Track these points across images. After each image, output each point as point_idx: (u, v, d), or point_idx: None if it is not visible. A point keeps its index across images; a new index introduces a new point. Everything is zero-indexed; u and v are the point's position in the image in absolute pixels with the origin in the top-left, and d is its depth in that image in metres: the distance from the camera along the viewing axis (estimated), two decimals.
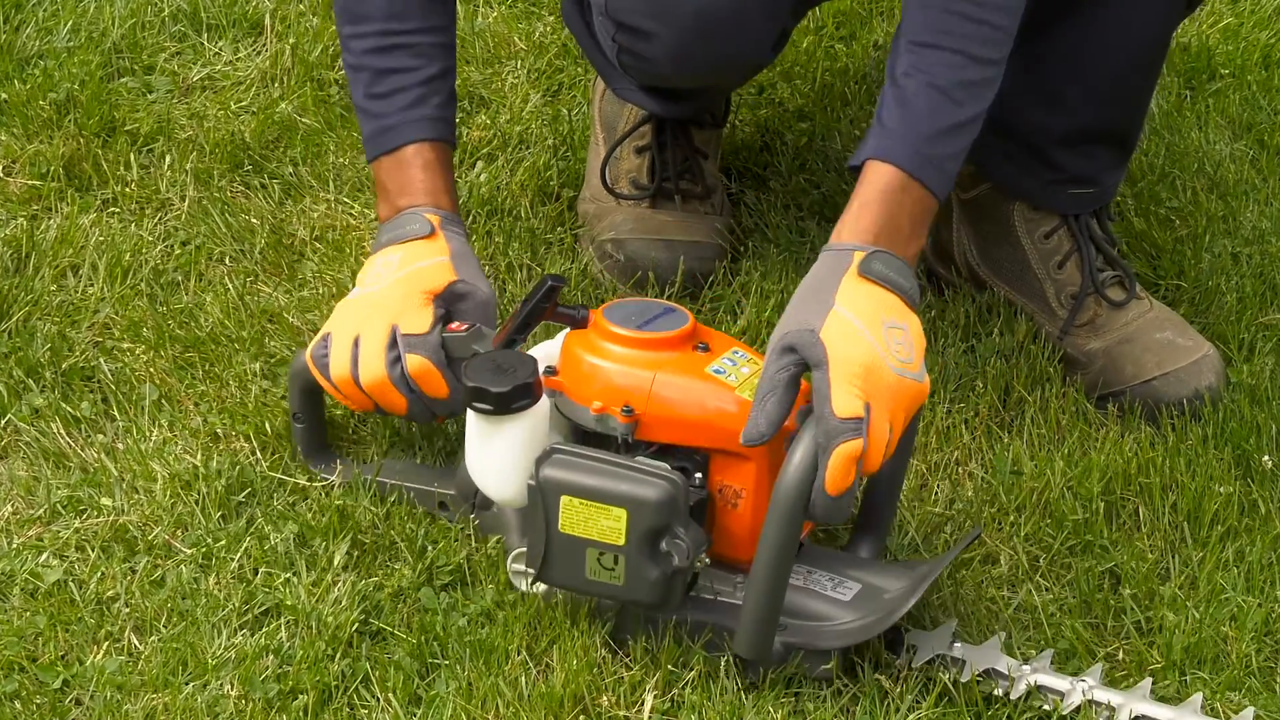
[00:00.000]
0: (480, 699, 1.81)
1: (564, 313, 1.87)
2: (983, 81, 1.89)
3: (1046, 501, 2.07)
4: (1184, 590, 1.97)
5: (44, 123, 2.59)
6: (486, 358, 1.86)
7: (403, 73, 2.05)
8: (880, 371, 1.76)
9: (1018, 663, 1.83)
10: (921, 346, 1.82)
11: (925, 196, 1.87)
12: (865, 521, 1.95)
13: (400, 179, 2.05)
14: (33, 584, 1.94)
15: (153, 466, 2.07)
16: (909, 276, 1.84)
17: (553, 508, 1.79)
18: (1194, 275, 2.41)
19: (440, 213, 2.04)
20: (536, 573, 1.83)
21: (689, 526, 1.78)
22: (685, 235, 2.38)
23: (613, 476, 1.78)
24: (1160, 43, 2.19)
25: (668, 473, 1.78)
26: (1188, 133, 2.67)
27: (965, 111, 1.88)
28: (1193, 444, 2.14)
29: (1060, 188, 2.25)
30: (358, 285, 2.01)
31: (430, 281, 1.97)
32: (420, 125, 2.05)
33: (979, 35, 1.88)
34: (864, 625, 1.80)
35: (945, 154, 1.87)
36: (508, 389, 1.82)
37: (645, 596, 1.80)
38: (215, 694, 1.81)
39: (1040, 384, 2.22)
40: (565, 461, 1.80)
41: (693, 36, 2.05)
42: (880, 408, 1.75)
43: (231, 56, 2.77)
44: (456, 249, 2.01)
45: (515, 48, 2.81)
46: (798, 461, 1.73)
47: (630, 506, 1.76)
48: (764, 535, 1.75)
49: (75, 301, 2.32)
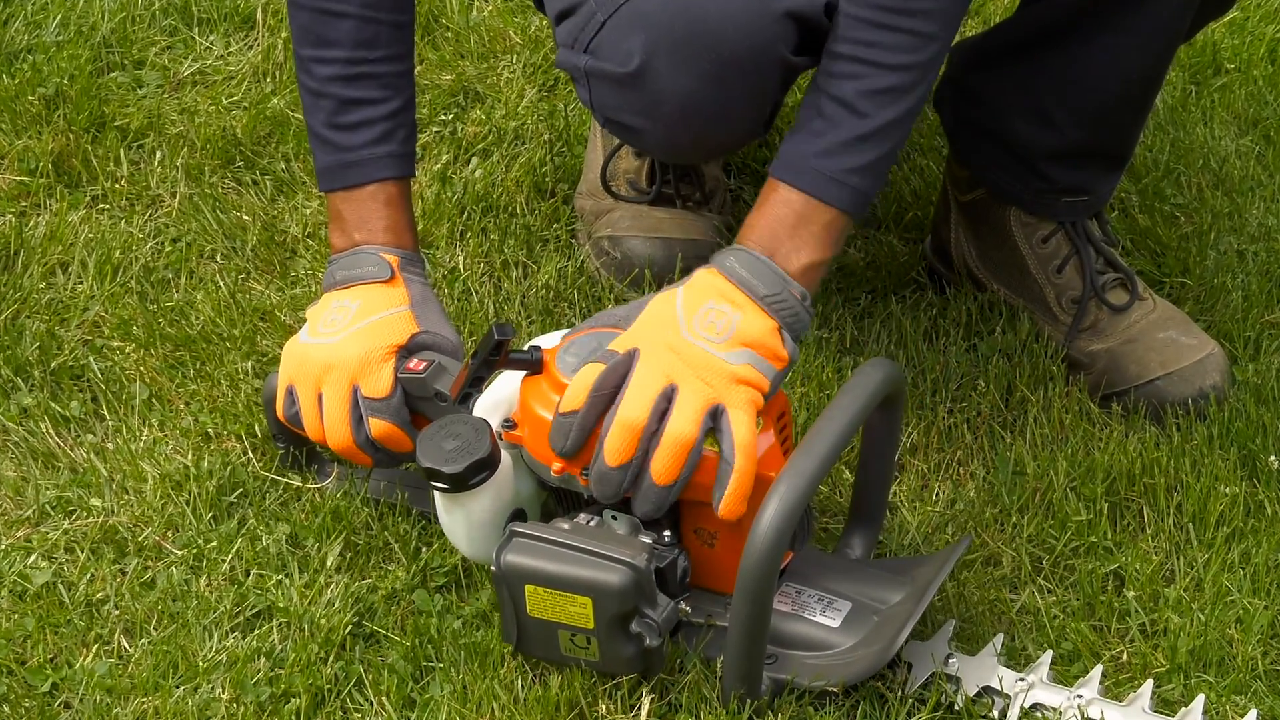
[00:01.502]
0: (475, 703, 1.80)
1: (517, 359, 1.84)
2: (896, 89, 1.85)
3: (1049, 502, 2.06)
4: (1189, 592, 1.96)
5: (33, 118, 2.59)
6: (439, 430, 1.82)
7: (369, 105, 1.99)
8: (663, 333, 1.77)
9: (1014, 675, 1.82)
10: (751, 338, 1.78)
11: (820, 208, 1.85)
12: (857, 515, 1.94)
13: (360, 213, 2.00)
14: (21, 586, 1.93)
15: (143, 467, 2.06)
16: (767, 278, 1.81)
17: (518, 594, 1.77)
18: (1199, 273, 2.40)
19: (400, 253, 1.99)
20: (513, 647, 1.82)
21: (657, 604, 1.76)
22: (682, 233, 2.36)
23: (574, 562, 1.74)
24: (1154, 73, 2.16)
25: (629, 553, 1.74)
26: (1193, 128, 2.66)
27: (873, 121, 1.85)
28: (1198, 444, 2.13)
29: (1053, 197, 2.24)
30: (310, 326, 1.96)
31: (391, 336, 1.92)
32: (386, 163, 2.00)
33: (893, 43, 1.85)
34: (854, 663, 1.78)
35: (848, 166, 1.85)
36: (462, 469, 1.79)
37: (624, 670, 1.79)
38: (206, 697, 1.81)
39: (1043, 383, 2.21)
40: (526, 547, 1.76)
41: (680, 131, 2.03)
42: (649, 359, 1.75)
43: (223, 51, 2.77)
44: (417, 295, 1.97)
45: (511, 42, 2.80)
46: (770, 513, 1.70)
47: (594, 595, 1.74)
48: (739, 587, 1.71)
49: (64, 299, 2.32)
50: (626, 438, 1.74)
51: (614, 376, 1.77)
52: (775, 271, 1.82)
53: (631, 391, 1.75)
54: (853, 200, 1.85)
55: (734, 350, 1.77)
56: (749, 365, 1.77)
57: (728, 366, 1.76)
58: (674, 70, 1.95)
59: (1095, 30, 2.10)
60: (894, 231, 2.47)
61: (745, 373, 1.77)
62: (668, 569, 1.79)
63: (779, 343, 1.80)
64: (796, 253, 1.84)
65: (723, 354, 1.77)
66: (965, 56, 2.24)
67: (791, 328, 1.81)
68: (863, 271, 2.39)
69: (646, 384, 1.75)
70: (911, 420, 2.15)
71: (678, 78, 1.96)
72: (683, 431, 1.74)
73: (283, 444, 2.05)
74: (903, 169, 2.55)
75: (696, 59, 1.95)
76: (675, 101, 1.97)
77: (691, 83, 1.96)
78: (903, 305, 2.32)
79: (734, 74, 1.96)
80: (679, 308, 1.80)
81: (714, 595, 1.84)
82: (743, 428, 1.74)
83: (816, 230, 1.84)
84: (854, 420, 1.76)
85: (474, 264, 2.37)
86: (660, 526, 1.81)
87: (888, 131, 1.85)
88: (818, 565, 1.88)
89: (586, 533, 1.77)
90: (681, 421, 1.74)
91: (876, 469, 1.91)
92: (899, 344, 2.26)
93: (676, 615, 1.79)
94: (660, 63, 1.95)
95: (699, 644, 1.82)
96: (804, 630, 1.82)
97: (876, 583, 1.85)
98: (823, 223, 1.85)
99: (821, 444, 1.72)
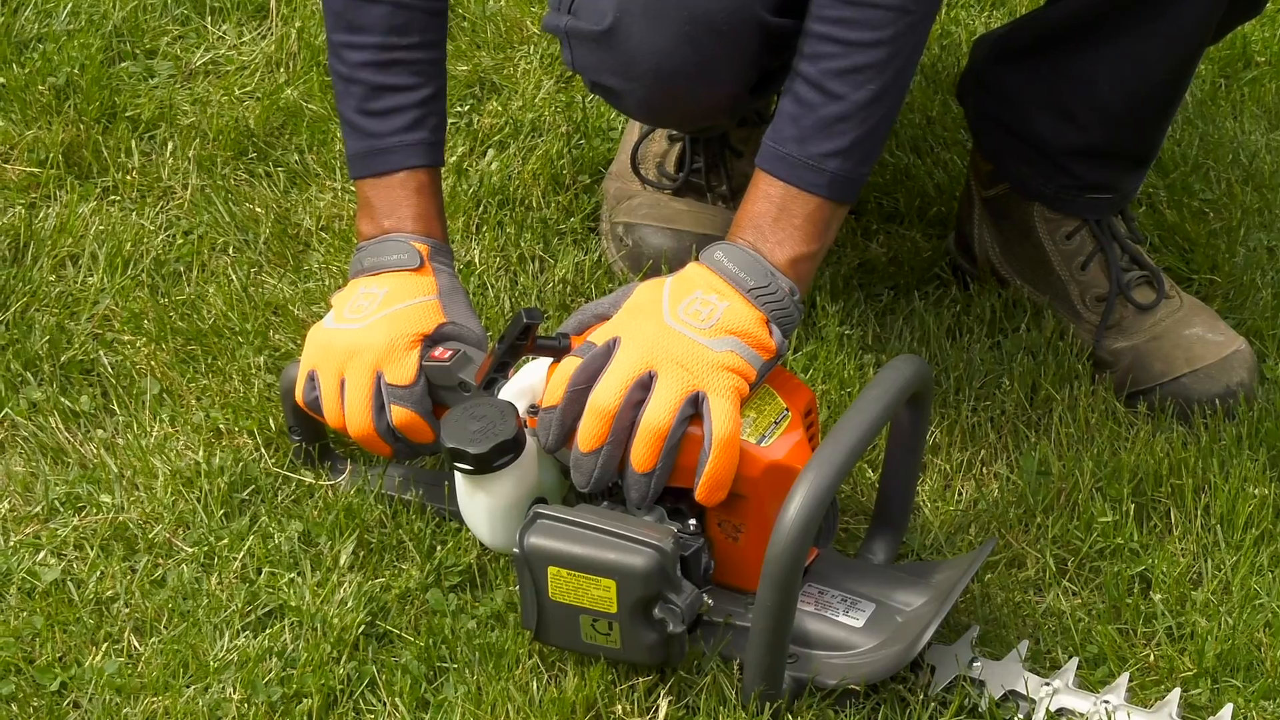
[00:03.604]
0: (490, 704, 1.79)
1: (544, 345, 1.84)
2: (868, 66, 1.83)
3: (1075, 503, 2.05)
4: (1217, 595, 1.95)
5: (43, 108, 2.59)
6: (464, 412, 1.82)
7: (401, 91, 1.99)
8: (646, 321, 1.78)
9: (1039, 680, 1.81)
10: (737, 327, 1.78)
11: (801, 197, 1.84)
12: (880, 518, 1.93)
13: (389, 201, 2.00)
14: (30, 583, 1.93)
15: (153, 463, 2.06)
16: (754, 271, 1.81)
17: (540, 576, 1.76)
18: (1228, 269, 2.39)
19: (430, 242, 1.99)
20: (533, 634, 1.81)
21: (681, 590, 1.75)
22: (696, 226, 2.36)
23: (598, 545, 1.74)
24: (1179, 75, 2.15)
25: (656, 537, 1.74)
26: (1222, 122, 2.65)
27: (846, 102, 1.83)
28: (1226, 444, 2.12)
29: (1077, 193, 2.23)
30: (336, 312, 1.95)
31: (417, 324, 1.91)
32: (416, 151, 2.00)
33: (860, 18, 1.82)
34: (877, 662, 1.78)
35: (825, 151, 1.83)
36: (487, 450, 1.79)
37: (643, 659, 1.78)
38: (217, 697, 1.80)
39: (1068, 382, 2.19)
40: (549, 529, 1.76)
41: (656, 92, 2.02)
42: (629, 346, 1.76)
43: (235, 40, 2.77)
44: (445, 285, 1.97)
45: (528, 32, 2.80)
46: (798, 502, 1.69)
47: (618, 578, 1.74)
48: (763, 580, 1.71)
49: (74, 292, 2.32)
50: (597, 424, 1.76)
51: (592, 368, 1.78)
52: (762, 264, 1.82)
53: (606, 378, 1.76)
54: (832, 186, 1.84)
55: (718, 338, 1.77)
56: (733, 353, 1.77)
57: (711, 354, 1.76)
58: (646, 29, 1.96)
59: (1120, 30, 2.09)
60: (917, 226, 2.46)
61: (729, 360, 1.77)
62: (692, 558, 1.79)
63: (766, 333, 1.79)
64: (781, 245, 1.83)
65: (706, 340, 1.77)
66: (989, 50, 2.23)
67: (780, 321, 1.81)
68: (885, 267, 2.39)
69: (622, 370, 1.76)
70: (934, 418, 2.14)
71: (650, 36, 1.96)
72: (657, 420, 1.75)
73: (298, 437, 2.04)
74: (925, 163, 2.54)
75: (668, 17, 1.95)
76: (649, 61, 1.97)
77: (664, 41, 1.96)
78: (926, 301, 2.31)
79: (707, 33, 1.95)
80: (665, 296, 1.81)
81: (734, 596, 1.83)
82: (723, 415, 1.74)
83: (799, 222, 1.84)
84: (881, 414, 1.76)
85: (490, 258, 2.37)
86: (685, 517, 1.81)
87: (864, 112, 1.83)
88: (841, 568, 1.88)
89: (612, 517, 1.77)
90: (656, 409, 1.75)
91: (901, 469, 1.90)
92: (922, 341, 2.25)
93: (700, 603, 1.78)
94: (632, 21, 1.96)
95: (718, 644, 1.82)
96: (827, 630, 1.81)
97: (900, 586, 1.84)
98: (804, 213, 1.84)
99: (848, 436, 1.72)
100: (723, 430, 1.74)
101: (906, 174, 2.52)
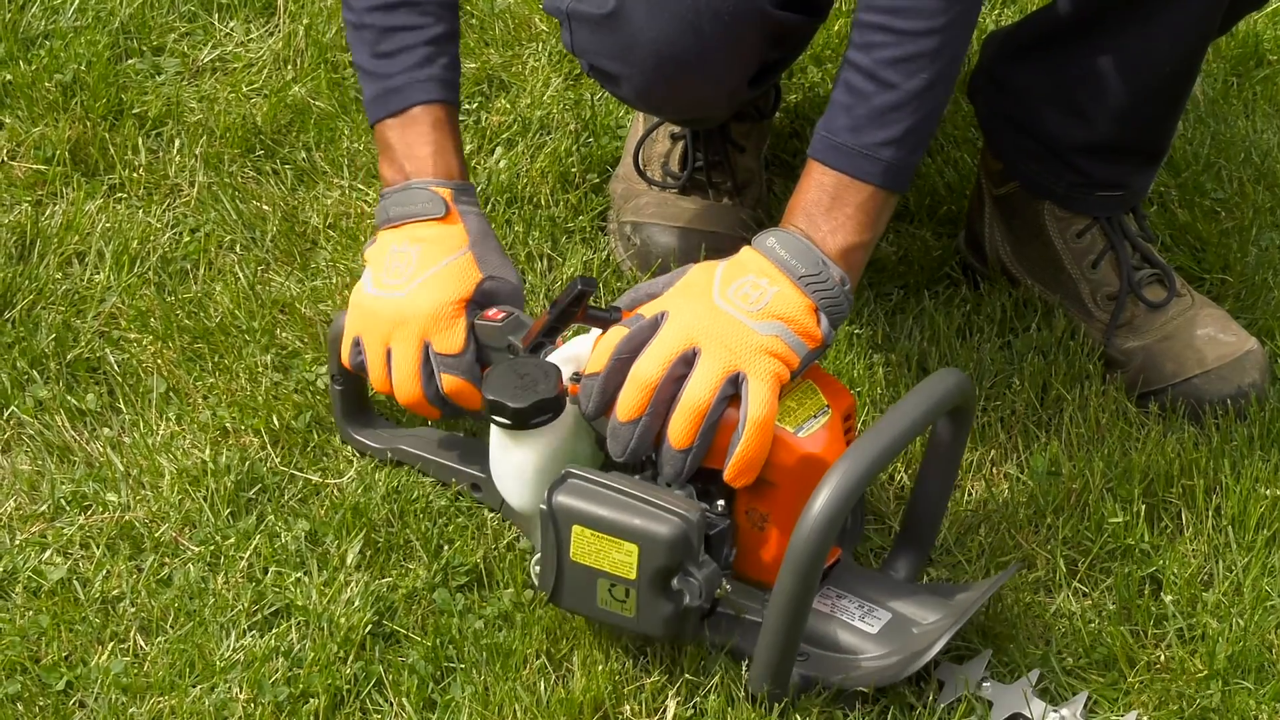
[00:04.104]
0: (497, 704, 1.79)
1: (595, 315, 1.84)
2: (921, 55, 1.83)
3: (1085, 503, 2.04)
4: (1228, 597, 1.95)
5: (49, 105, 2.58)
6: (508, 368, 1.83)
7: (408, 30, 2.00)
8: (695, 299, 1.78)
9: (1047, 706, 1.80)
10: (784, 313, 1.78)
11: (854, 186, 1.84)
12: (905, 537, 1.93)
13: (405, 140, 2.00)
14: (36, 582, 1.93)
15: (160, 461, 2.06)
16: (806, 259, 1.81)
17: (564, 535, 1.77)
18: (1240, 269, 2.38)
19: (451, 185, 1.99)
20: (548, 596, 1.81)
21: (702, 564, 1.75)
22: (704, 225, 2.35)
23: (626, 509, 1.75)
24: (1186, 67, 2.14)
25: (684, 508, 1.74)
26: (1234, 120, 2.64)
27: (899, 91, 1.83)
28: (1237, 444, 2.11)
29: (1087, 191, 2.22)
30: (373, 274, 1.96)
31: (458, 288, 1.92)
32: (428, 86, 2.00)
33: (912, 6, 1.83)
34: (886, 667, 1.77)
35: (879, 140, 1.83)
36: (526, 405, 1.80)
37: (656, 631, 1.78)
38: (223, 697, 1.80)
39: (1079, 381, 2.19)
40: (579, 489, 1.77)
41: (656, 78, 2.03)
42: (675, 321, 1.77)
43: (243, 37, 2.76)
44: (475, 231, 1.97)
45: (536, 30, 2.79)
46: (826, 494, 1.69)
47: (642, 543, 1.74)
48: (784, 568, 1.71)
49: (81, 290, 2.31)
50: (638, 394, 1.76)
51: (637, 340, 1.79)
52: (814, 252, 1.82)
53: (650, 350, 1.77)
54: (885, 175, 1.84)
55: (764, 321, 1.78)
56: (778, 338, 1.78)
57: (756, 336, 1.77)
58: (649, 13, 1.96)
59: (1126, 23, 2.08)
60: (927, 225, 2.45)
61: (773, 344, 1.77)
62: (716, 538, 1.79)
63: (813, 321, 1.79)
64: (833, 234, 1.83)
65: (753, 323, 1.77)
66: (997, 46, 2.22)
67: (829, 311, 1.81)
68: (895, 266, 2.38)
69: (667, 344, 1.77)
70: None
71: (652, 20, 1.96)
72: (698, 396, 1.75)
73: (341, 384, 2.06)
74: (936, 161, 2.54)
75: (672, 3, 1.96)
76: (650, 46, 1.98)
77: (666, 26, 1.96)
78: (936, 301, 2.30)
79: (710, 21, 1.96)
80: (716, 278, 1.81)
81: (750, 591, 1.82)
82: (760, 397, 1.75)
83: (851, 210, 1.84)
84: (918, 421, 1.75)
85: None
86: (713, 499, 1.80)
87: (918, 100, 1.84)
88: (861, 578, 1.87)
89: (642, 485, 1.77)
90: (698, 386, 1.75)
91: (934, 486, 1.89)
92: (931, 340, 2.24)
93: (719, 581, 1.77)
94: (636, 6, 1.97)
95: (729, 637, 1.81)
96: (840, 633, 1.81)
97: (918, 601, 1.83)
98: (857, 202, 1.84)
99: (882, 437, 1.72)
100: (758, 412, 1.74)
101: (917, 172, 2.50)
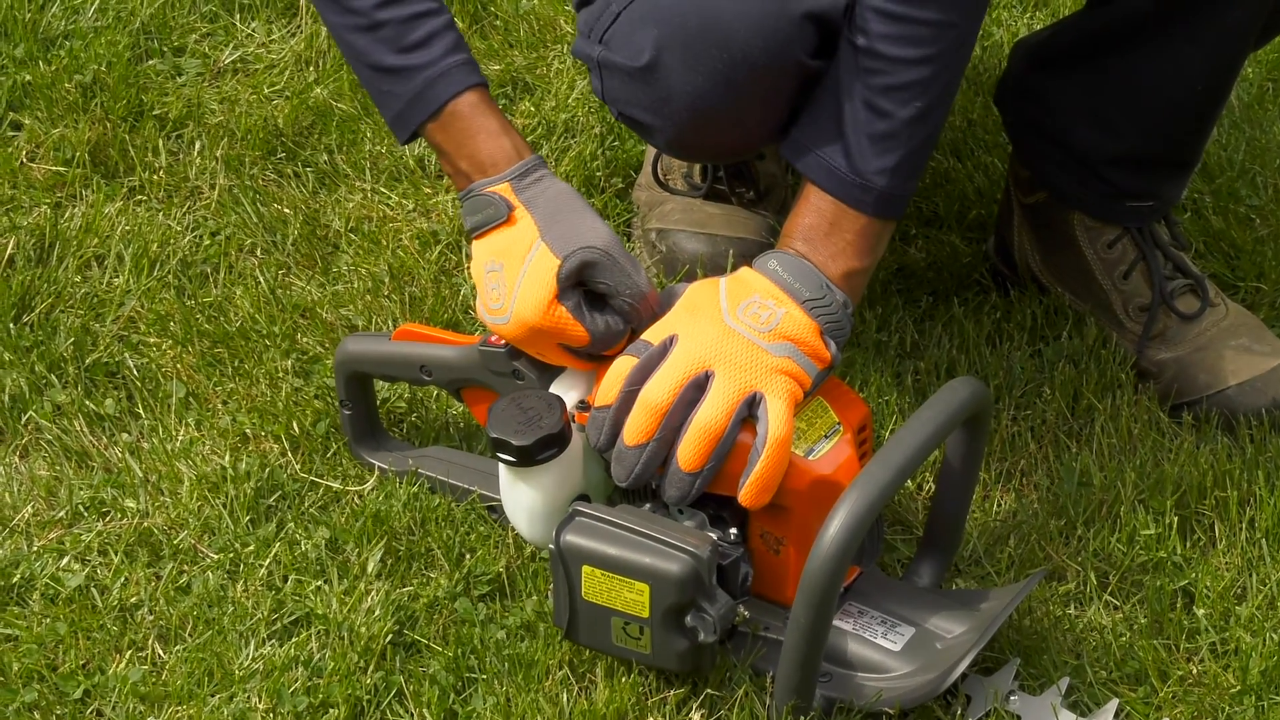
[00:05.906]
0: (519, 716, 1.79)
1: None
2: (916, 83, 1.83)
3: (1117, 515, 2.03)
4: (1262, 610, 1.93)
5: (69, 106, 2.58)
6: (511, 402, 1.84)
7: (429, 17, 1.93)
8: (704, 320, 1.78)
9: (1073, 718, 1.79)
10: (794, 334, 1.79)
11: (851, 215, 1.85)
12: (929, 543, 1.92)
13: (455, 140, 1.92)
14: (53, 589, 1.93)
15: (179, 467, 2.05)
16: (809, 281, 1.82)
17: (574, 575, 1.76)
18: (1275, 277, 2.36)
19: (509, 175, 1.91)
20: (563, 633, 1.81)
21: (715, 599, 1.75)
22: (731, 230, 2.34)
23: (635, 547, 1.74)
24: (1220, 83, 2.13)
25: (693, 543, 1.73)
26: (1269, 126, 2.62)
27: (894, 120, 1.83)
28: (1272, 456, 2.09)
29: (1117, 201, 2.21)
30: (481, 299, 1.89)
31: (544, 293, 1.84)
32: (460, 73, 1.92)
33: (908, 35, 1.83)
34: (914, 688, 1.75)
35: (875, 169, 1.84)
36: (530, 442, 1.80)
37: (673, 666, 1.78)
38: (242, 706, 1.80)
39: (1111, 391, 2.18)
40: (587, 527, 1.76)
41: (689, 130, 2.00)
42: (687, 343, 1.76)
43: (264, 38, 2.76)
44: (543, 217, 1.88)
45: (561, 31, 2.78)
46: (839, 521, 1.67)
47: (653, 582, 1.73)
48: (799, 598, 1.69)
49: (100, 294, 2.31)
50: (646, 419, 1.76)
51: (648, 367, 1.78)
52: (817, 276, 1.83)
53: (660, 374, 1.77)
54: (878, 205, 1.85)
55: (776, 342, 1.78)
56: (790, 359, 1.78)
57: (769, 357, 1.77)
58: (684, 67, 1.93)
59: (1160, 37, 2.07)
60: (956, 231, 2.44)
61: (787, 365, 1.78)
62: (730, 568, 1.78)
63: (821, 343, 1.81)
64: (834, 260, 1.85)
65: (765, 344, 1.78)
66: (1027, 56, 2.20)
67: (832, 333, 1.82)
68: (924, 272, 2.37)
69: (678, 367, 1.76)
70: None
71: (688, 75, 1.94)
72: (712, 420, 1.75)
73: (349, 409, 2.05)
74: (966, 166, 2.53)
75: (707, 57, 1.93)
76: (684, 100, 1.96)
77: (702, 81, 1.94)
78: (965, 308, 2.29)
79: (745, 75, 1.93)
80: (723, 297, 1.81)
81: (772, 609, 1.81)
82: (778, 416, 1.75)
83: (850, 238, 1.86)
84: (934, 436, 1.74)
85: None
86: (726, 525, 1.80)
87: (911, 129, 1.84)
88: (884, 589, 1.86)
89: (651, 519, 1.77)
90: (712, 409, 1.75)
91: (954, 493, 1.88)
92: (961, 348, 2.23)
93: (734, 615, 1.77)
94: (671, 59, 1.93)
95: (751, 656, 1.80)
96: (863, 651, 1.80)
97: (942, 612, 1.82)
98: (855, 230, 1.86)
99: (898, 455, 1.71)
100: (778, 431, 1.74)
101: (946, 177, 2.50)
